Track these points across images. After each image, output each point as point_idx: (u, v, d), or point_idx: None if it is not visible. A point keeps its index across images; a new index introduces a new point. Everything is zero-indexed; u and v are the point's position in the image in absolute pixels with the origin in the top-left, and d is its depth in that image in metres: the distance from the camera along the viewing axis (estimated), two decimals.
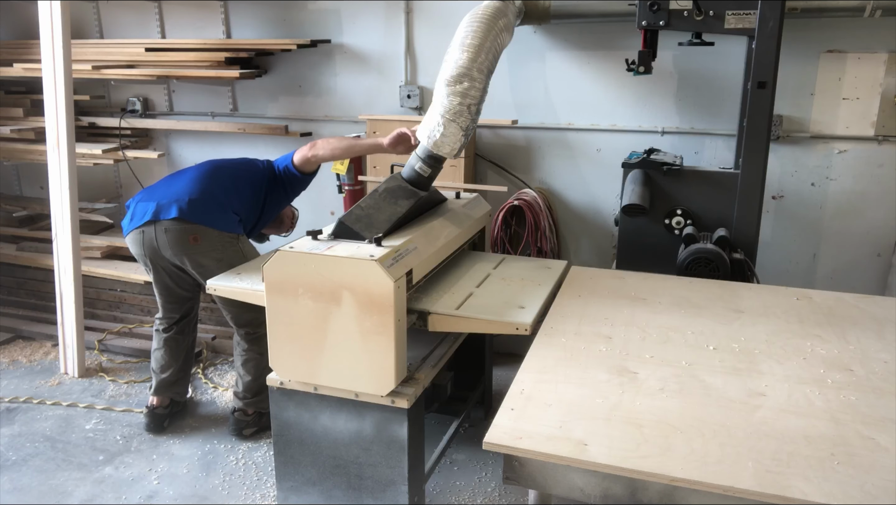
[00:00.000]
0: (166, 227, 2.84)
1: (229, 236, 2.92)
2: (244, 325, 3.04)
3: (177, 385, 3.27)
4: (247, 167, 3.13)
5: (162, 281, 3.07)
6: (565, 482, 1.56)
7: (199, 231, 2.84)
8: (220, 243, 2.89)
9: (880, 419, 1.62)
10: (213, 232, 2.87)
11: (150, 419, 3.20)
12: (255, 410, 3.13)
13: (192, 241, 2.85)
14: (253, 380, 3.09)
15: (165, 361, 3.21)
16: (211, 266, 2.85)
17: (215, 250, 2.88)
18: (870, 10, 2.90)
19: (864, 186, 3.25)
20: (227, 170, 3.08)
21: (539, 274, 2.69)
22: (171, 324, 3.19)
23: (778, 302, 2.34)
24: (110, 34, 4.34)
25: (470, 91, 2.50)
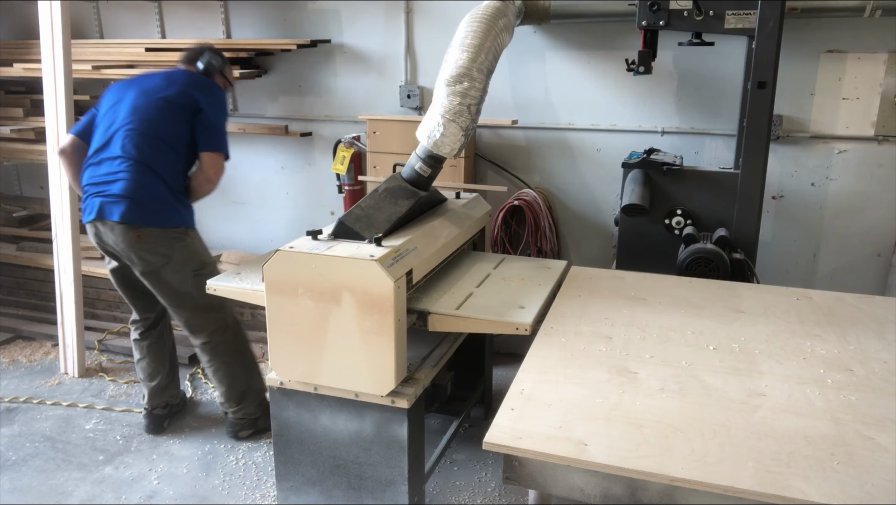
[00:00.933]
0: (112, 226, 2.75)
1: (175, 231, 2.82)
2: (198, 332, 2.95)
3: (169, 389, 3.21)
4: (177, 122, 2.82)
5: (128, 275, 2.93)
6: (565, 482, 1.56)
7: (143, 231, 2.75)
8: (166, 240, 2.79)
9: (880, 419, 1.62)
10: (158, 230, 2.78)
11: (150, 420, 3.18)
12: (244, 415, 3.09)
13: (137, 239, 2.75)
14: (228, 388, 3.03)
15: (152, 368, 3.15)
16: (157, 262, 2.78)
17: (161, 247, 2.78)
18: (870, 10, 2.90)
19: (864, 186, 3.25)
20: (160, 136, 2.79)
21: (539, 274, 2.69)
22: (148, 327, 3.11)
23: (778, 302, 2.34)
24: (110, 34, 4.34)
25: (470, 91, 2.50)
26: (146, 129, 2.78)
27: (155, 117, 2.80)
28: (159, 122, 2.80)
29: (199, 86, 2.89)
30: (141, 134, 2.78)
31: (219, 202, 4.37)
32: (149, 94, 2.83)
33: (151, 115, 2.80)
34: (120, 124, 2.80)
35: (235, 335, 3.05)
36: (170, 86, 2.86)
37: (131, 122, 2.79)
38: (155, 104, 2.81)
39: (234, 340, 3.05)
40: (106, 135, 2.82)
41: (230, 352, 3.02)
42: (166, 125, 2.80)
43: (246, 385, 3.06)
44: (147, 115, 2.80)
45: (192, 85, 2.88)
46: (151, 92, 2.84)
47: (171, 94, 2.83)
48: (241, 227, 4.39)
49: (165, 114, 2.81)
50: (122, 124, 2.80)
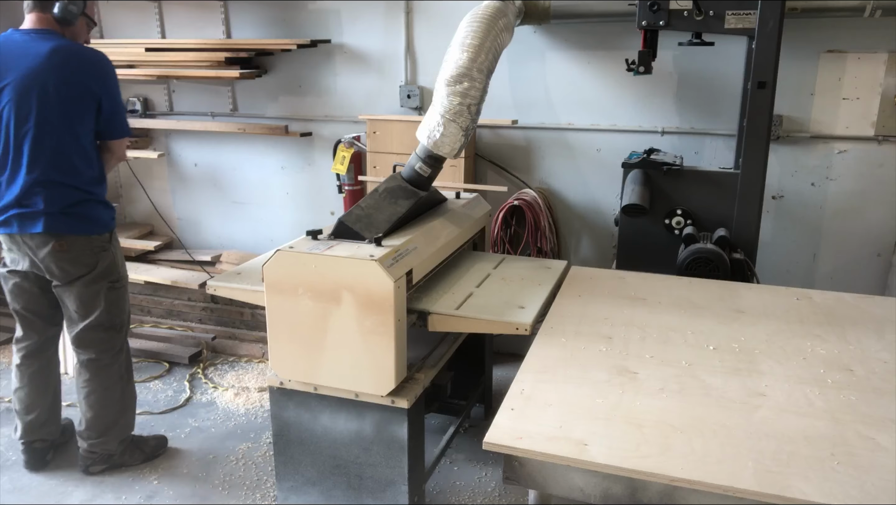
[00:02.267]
0: (32, 237, 2.55)
1: (100, 240, 2.65)
2: (90, 347, 2.73)
3: (48, 424, 2.88)
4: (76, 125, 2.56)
5: (30, 290, 2.70)
6: (565, 482, 1.56)
7: (66, 240, 2.56)
8: (90, 249, 2.62)
9: (880, 419, 1.62)
10: (82, 238, 2.60)
11: (30, 455, 2.86)
12: (102, 450, 2.82)
13: (59, 248, 2.56)
14: (95, 416, 2.78)
15: (31, 399, 2.81)
16: (76, 273, 2.61)
17: (85, 256, 2.61)
18: (870, 10, 2.90)
19: (864, 186, 3.25)
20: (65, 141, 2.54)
21: (539, 274, 2.69)
22: (36, 350, 2.79)
23: (778, 302, 2.35)
24: (110, 34, 4.34)
25: (470, 91, 2.50)
26: (49, 138, 2.51)
27: (55, 122, 2.51)
28: (61, 128, 2.52)
29: (90, 71, 2.55)
30: (45, 144, 2.51)
31: (219, 202, 4.38)
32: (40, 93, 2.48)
33: (51, 119, 2.50)
34: (16, 133, 2.51)
35: (126, 363, 2.86)
36: (53, 74, 2.48)
37: (29, 130, 2.50)
38: (50, 106, 2.49)
39: (124, 366, 2.85)
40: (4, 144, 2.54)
41: (115, 377, 2.80)
42: (68, 128, 2.53)
43: (115, 418, 2.82)
44: (46, 121, 2.49)
45: (82, 71, 2.53)
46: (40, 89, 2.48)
47: (64, 93, 2.50)
48: (241, 227, 4.39)
49: (65, 116, 2.52)
50: (20, 133, 2.51)
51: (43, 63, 2.50)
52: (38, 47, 2.52)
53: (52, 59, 2.50)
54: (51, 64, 2.50)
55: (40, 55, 2.50)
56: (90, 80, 2.56)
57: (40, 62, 2.50)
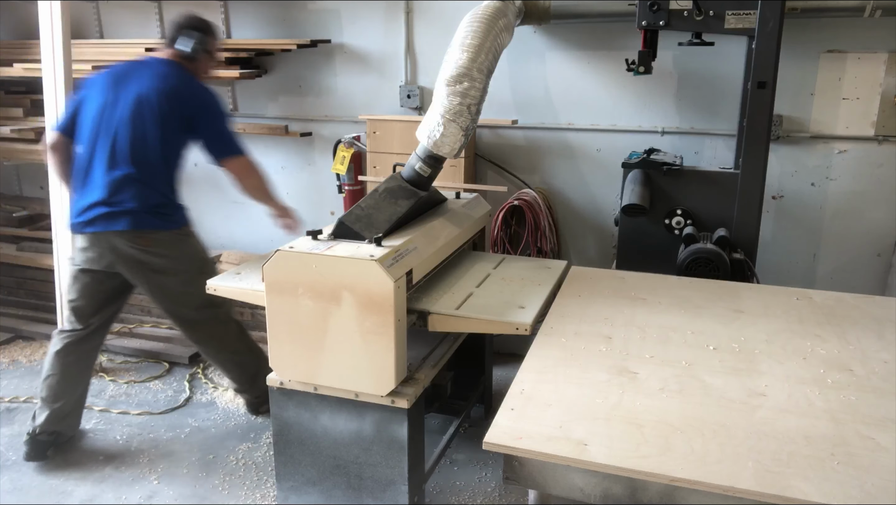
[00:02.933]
0: (117, 234, 2.72)
1: (179, 232, 2.85)
2: (199, 329, 3.00)
3: (70, 417, 2.97)
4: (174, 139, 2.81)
5: (99, 282, 2.87)
6: (565, 482, 1.56)
7: (150, 236, 2.75)
8: (172, 241, 2.81)
9: (880, 419, 1.62)
10: (164, 233, 2.79)
11: (32, 446, 2.90)
12: (260, 393, 3.11)
13: (144, 243, 2.75)
14: (239, 376, 3.12)
15: (62, 388, 2.91)
16: (163, 265, 2.78)
17: (167, 249, 2.79)
18: (870, 10, 2.90)
19: (864, 186, 3.25)
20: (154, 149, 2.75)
21: (539, 274, 2.69)
22: (81, 339, 2.91)
23: (778, 302, 2.35)
24: (110, 34, 4.34)
25: (470, 91, 2.50)
26: (139, 143, 2.72)
27: (149, 131, 2.72)
28: (153, 137, 2.73)
29: (192, 96, 2.80)
30: (134, 147, 2.72)
31: (219, 202, 4.37)
32: (141, 104, 2.73)
33: (146, 128, 2.72)
34: (112, 133, 2.73)
35: (237, 326, 3.10)
36: (161, 93, 2.74)
37: (123, 133, 2.72)
38: (149, 117, 2.72)
39: (237, 330, 3.09)
40: (97, 142, 2.75)
41: (234, 341, 3.06)
42: (160, 139, 2.74)
43: (255, 368, 3.08)
44: (141, 129, 2.72)
45: (185, 97, 2.78)
46: (144, 102, 2.73)
47: (166, 109, 2.73)
48: (241, 227, 4.39)
49: (160, 128, 2.73)
50: (115, 134, 2.73)
51: (156, 83, 2.77)
52: (159, 70, 2.84)
53: (164, 82, 2.79)
54: (162, 86, 2.77)
55: (157, 76, 2.80)
56: (189, 109, 2.78)
57: (154, 82, 2.78)
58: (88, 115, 2.81)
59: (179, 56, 2.87)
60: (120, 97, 2.77)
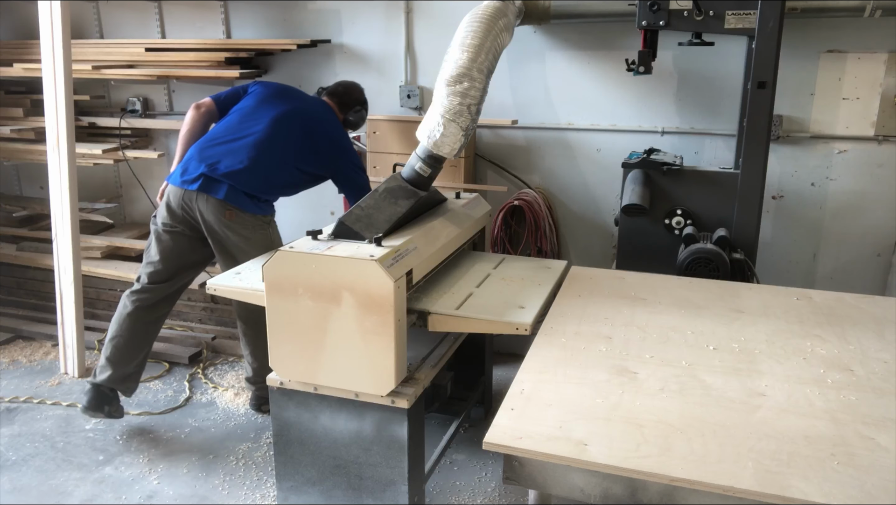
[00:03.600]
0: (208, 200, 2.88)
1: (262, 219, 2.99)
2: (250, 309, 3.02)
3: (129, 380, 3.11)
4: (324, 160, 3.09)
5: (183, 243, 3.01)
6: (565, 482, 1.56)
7: (235, 211, 2.90)
8: (252, 224, 2.95)
9: (880, 419, 1.62)
10: (248, 215, 2.93)
11: (94, 395, 3.02)
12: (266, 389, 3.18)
13: (228, 216, 2.90)
14: (261, 365, 3.15)
15: (127, 350, 3.04)
16: (237, 241, 2.93)
17: (246, 229, 2.93)
18: (870, 10, 2.90)
19: (864, 186, 3.25)
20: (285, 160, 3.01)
21: (539, 274, 2.69)
22: (154, 304, 3.04)
23: (778, 302, 2.35)
24: (110, 34, 4.34)
25: (470, 91, 2.50)
26: (277, 150, 2.96)
27: (290, 146, 2.98)
28: (290, 151, 2.99)
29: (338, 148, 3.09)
30: (271, 150, 2.94)
31: None
32: (293, 122, 3.01)
33: (289, 143, 2.98)
34: (258, 129, 2.96)
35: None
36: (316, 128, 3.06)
37: (267, 137, 2.95)
38: (296, 138, 3.00)
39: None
40: (240, 129, 2.98)
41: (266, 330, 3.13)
42: (294, 156, 3.01)
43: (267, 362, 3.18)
44: (283, 141, 2.97)
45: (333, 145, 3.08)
46: (297, 121, 3.02)
47: (314, 141, 3.03)
48: None
49: (300, 151, 3.01)
50: (260, 131, 2.96)
51: (310, 110, 3.10)
52: (318, 105, 3.18)
53: (317, 112, 3.12)
54: (313, 115, 3.09)
55: (315, 105, 3.16)
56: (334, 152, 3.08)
57: (309, 108, 3.11)
58: (245, 105, 3.07)
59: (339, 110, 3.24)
60: (279, 104, 3.04)
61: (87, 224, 4.32)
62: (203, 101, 3.12)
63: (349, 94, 3.27)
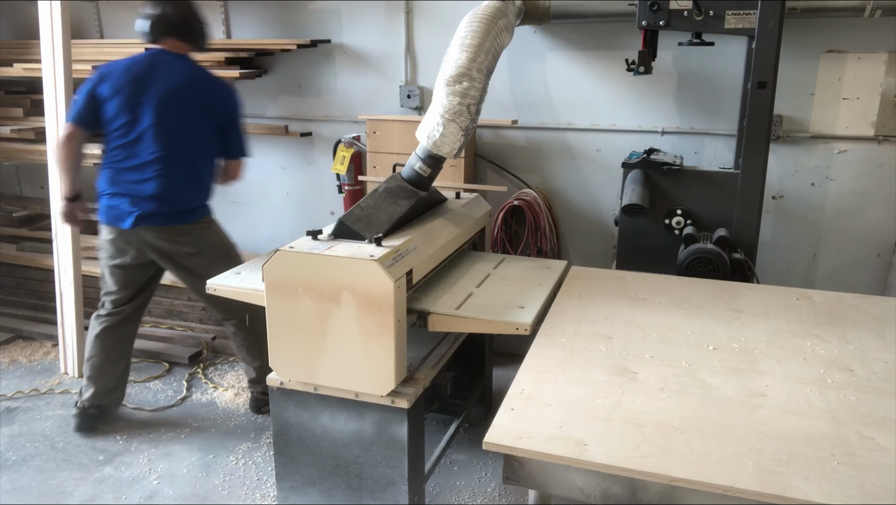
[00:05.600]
0: (147, 230, 2.88)
1: (202, 222, 3.01)
2: (233, 311, 3.09)
3: (115, 391, 3.19)
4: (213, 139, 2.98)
5: (135, 270, 3.02)
6: (565, 482, 1.56)
7: (178, 228, 2.92)
8: (197, 232, 2.97)
9: (880, 419, 1.62)
10: (189, 226, 2.95)
11: (82, 419, 3.12)
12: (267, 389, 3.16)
13: (173, 234, 2.92)
14: (262, 362, 3.11)
15: (105, 367, 3.10)
16: (192, 251, 2.95)
17: (193, 239, 2.96)
18: (870, 10, 2.90)
19: (864, 186, 3.25)
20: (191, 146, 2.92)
21: (539, 274, 2.69)
22: (119, 323, 3.07)
23: (778, 302, 2.35)
24: (110, 34, 4.33)
25: (469, 91, 2.50)
26: (177, 139, 2.87)
27: (185, 126, 2.88)
28: (190, 133, 2.90)
29: (222, 92, 2.99)
30: (172, 144, 2.85)
31: (219, 202, 4.34)
32: (176, 101, 2.85)
33: (182, 124, 2.87)
34: (147, 129, 2.83)
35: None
36: (192, 91, 2.90)
37: (161, 129, 2.83)
38: (185, 114, 2.87)
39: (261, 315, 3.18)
40: (138, 150, 2.85)
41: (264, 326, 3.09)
42: (196, 136, 2.92)
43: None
44: (177, 125, 2.86)
45: (217, 93, 2.96)
46: (177, 98, 2.85)
47: (201, 102, 2.91)
48: (241, 227, 4.38)
49: (196, 124, 2.90)
50: (150, 129, 2.83)
51: (188, 82, 2.89)
52: (183, 68, 2.92)
53: (195, 80, 2.92)
54: (194, 84, 2.91)
55: (185, 75, 2.90)
56: (222, 104, 2.97)
57: (185, 81, 2.89)
58: (114, 108, 2.83)
59: (188, 49, 2.97)
60: (147, 96, 2.83)
61: (87, 224, 4.31)
62: (70, 132, 2.87)
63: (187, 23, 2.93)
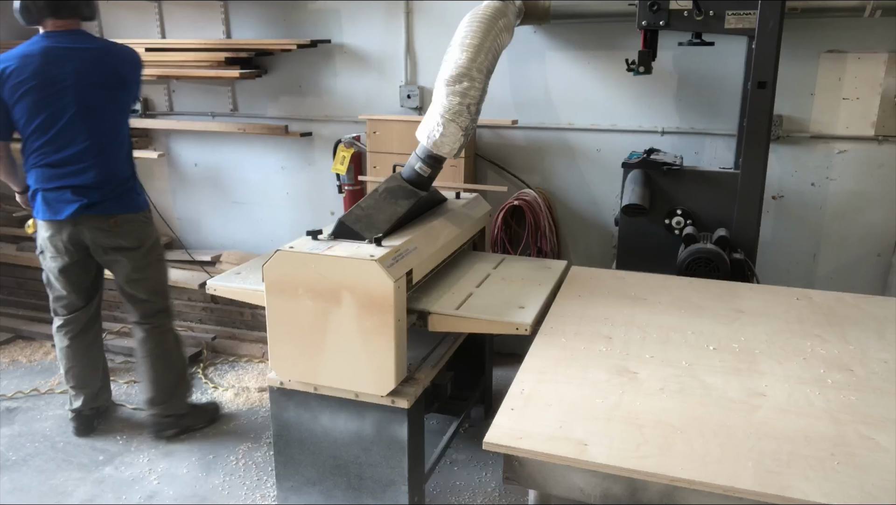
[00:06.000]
0: (86, 219, 2.80)
1: (143, 215, 2.95)
2: (149, 317, 3.00)
3: (102, 392, 3.19)
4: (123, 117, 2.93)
5: (79, 271, 2.95)
6: (565, 482, 1.56)
7: (118, 218, 2.85)
8: (138, 224, 2.91)
9: (880, 419, 1.62)
10: (130, 216, 2.89)
11: (79, 422, 3.13)
12: (172, 412, 3.08)
13: (114, 225, 2.84)
14: (163, 380, 3.03)
15: (86, 374, 3.09)
16: (129, 245, 2.88)
17: (135, 231, 2.90)
18: (870, 10, 2.89)
19: (864, 186, 3.25)
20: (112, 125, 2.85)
21: (539, 274, 2.69)
22: (82, 328, 3.03)
23: (778, 302, 2.34)
24: (110, 34, 4.33)
25: (469, 91, 2.50)
26: (102, 119, 2.80)
27: (102, 108, 2.80)
28: (112, 110, 2.83)
29: (131, 60, 2.89)
30: (99, 126, 2.79)
31: (219, 202, 4.38)
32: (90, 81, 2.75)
33: (102, 102, 2.79)
34: (71, 118, 2.74)
35: (175, 327, 3.14)
36: (103, 67, 2.79)
37: (85, 115, 2.75)
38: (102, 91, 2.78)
39: (174, 330, 3.12)
40: (53, 130, 2.75)
41: (172, 340, 3.09)
42: (117, 110, 2.86)
43: (177, 378, 3.09)
44: (98, 105, 2.78)
45: (126, 62, 2.87)
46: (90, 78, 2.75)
47: (114, 75, 2.81)
48: (241, 227, 4.39)
49: (115, 98, 2.83)
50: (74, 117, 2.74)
51: (95, 58, 2.78)
52: (85, 45, 2.79)
53: (102, 54, 2.81)
54: (102, 59, 2.80)
55: (90, 52, 2.78)
56: (133, 72, 2.90)
57: (92, 58, 2.77)
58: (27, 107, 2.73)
59: (79, 22, 2.82)
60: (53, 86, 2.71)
61: None
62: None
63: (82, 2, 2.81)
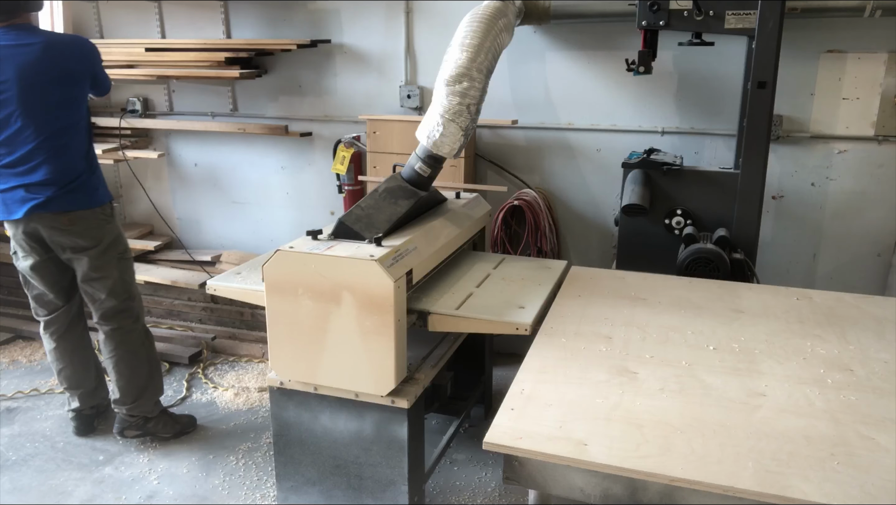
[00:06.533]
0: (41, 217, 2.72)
1: (102, 211, 2.85)
2: (111, 317, 2.92)
3: (98, 390, 3.15)
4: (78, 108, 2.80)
5: (50, 270, 2.88)
6: (565, 482, 1.56)
7: (73, 215, 2.75)
8: (96, 221, 2.81)
9: (880, 419, 1.62)
10: (87, 212, 2.79)
11: (80, 422, 3.12)
12: (138, 413, 3.03)
13: (68, 223, 2.75)
14: (128, 382, 2.97)
15: (78, 374, 3.04)
16: (87, 245, 2.79)
17: (92, 229, 2.80)
18: (870, 10, 2.90)
19: (864, 186, 3.25)
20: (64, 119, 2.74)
21: (539, 274, 2.69)
22: (67, 328, 2.98)
23: (778, 302, 2.34)
24: (110, 34, 4.33)
25: (469, 91, 2.50)
26: (50, 115, 2.68)
27: (50, 104, 2.68)
28: (61, 105, 2.71)
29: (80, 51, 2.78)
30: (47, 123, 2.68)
31: (219, 202, 4.37)
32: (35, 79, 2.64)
33: (49, 99, 2.68)
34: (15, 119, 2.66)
35: (144, 329, 3.06)
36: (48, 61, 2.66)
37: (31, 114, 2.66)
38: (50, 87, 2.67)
39: (143, 332, 3.05)
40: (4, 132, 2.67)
41: (138, 342, 3.01)
42: (68, 104, 2.73)
43: (145, 381, 3.02)
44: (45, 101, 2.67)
45: (74, 54, 2.75)
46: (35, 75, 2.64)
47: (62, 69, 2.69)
48: (241, 227, 4.39)
49: (64, 93, 2.71)
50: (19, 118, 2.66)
51: (40, 53, 2.66)
52: (27, 40, 2.68)
53: (46, 48, 2.68)
54: (47, 52, 2.68)
55: (34, 46, 2.66)
56: (84, 64, 2.79)
57: (36, 53, 2.66)
58: None
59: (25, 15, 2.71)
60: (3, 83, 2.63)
61: None
62: None
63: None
